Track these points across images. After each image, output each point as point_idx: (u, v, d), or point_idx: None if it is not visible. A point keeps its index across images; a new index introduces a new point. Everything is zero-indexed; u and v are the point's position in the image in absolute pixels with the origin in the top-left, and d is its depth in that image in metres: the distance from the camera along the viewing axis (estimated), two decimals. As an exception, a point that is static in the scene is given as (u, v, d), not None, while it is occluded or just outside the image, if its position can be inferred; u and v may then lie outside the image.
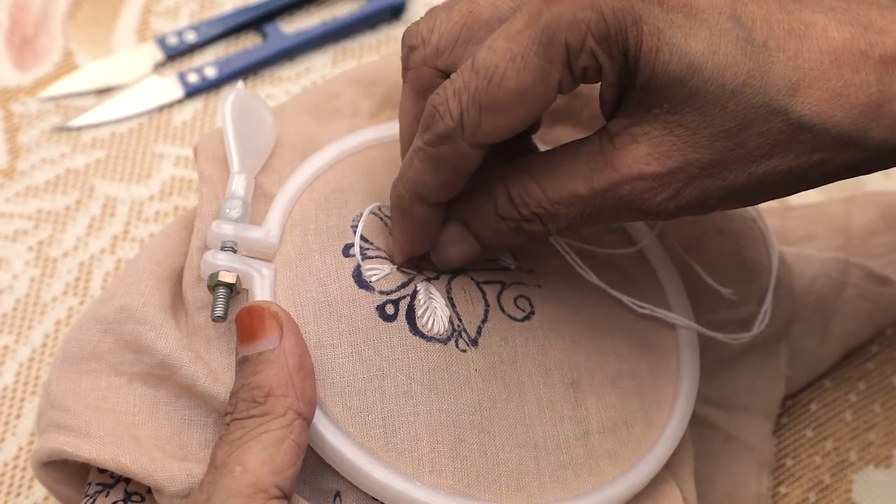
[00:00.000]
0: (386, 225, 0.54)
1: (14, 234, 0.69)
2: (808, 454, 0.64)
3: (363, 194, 0.55)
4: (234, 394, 0.48)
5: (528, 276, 0.55)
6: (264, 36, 0.76)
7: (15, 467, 0.62)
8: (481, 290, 0.54)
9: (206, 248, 0.52)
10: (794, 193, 0.49)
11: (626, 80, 0.47)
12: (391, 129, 0.57)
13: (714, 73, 0.46)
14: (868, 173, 0.48)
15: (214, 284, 0.51)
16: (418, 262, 0.53)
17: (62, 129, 0.72)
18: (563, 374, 0.53)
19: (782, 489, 0.63)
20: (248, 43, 0.76)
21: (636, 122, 0.47)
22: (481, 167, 0.50)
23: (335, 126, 0.58)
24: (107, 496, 0.51)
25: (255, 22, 0.76)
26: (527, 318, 0.54)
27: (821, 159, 0.47)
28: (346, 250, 0.53)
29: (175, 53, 0.75)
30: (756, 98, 0.46)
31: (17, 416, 0.64)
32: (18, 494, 0.62)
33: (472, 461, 0.51)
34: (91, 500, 0.51)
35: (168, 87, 0.73)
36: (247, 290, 0.52)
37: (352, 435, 0.50)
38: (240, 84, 0.56)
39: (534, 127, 0.54)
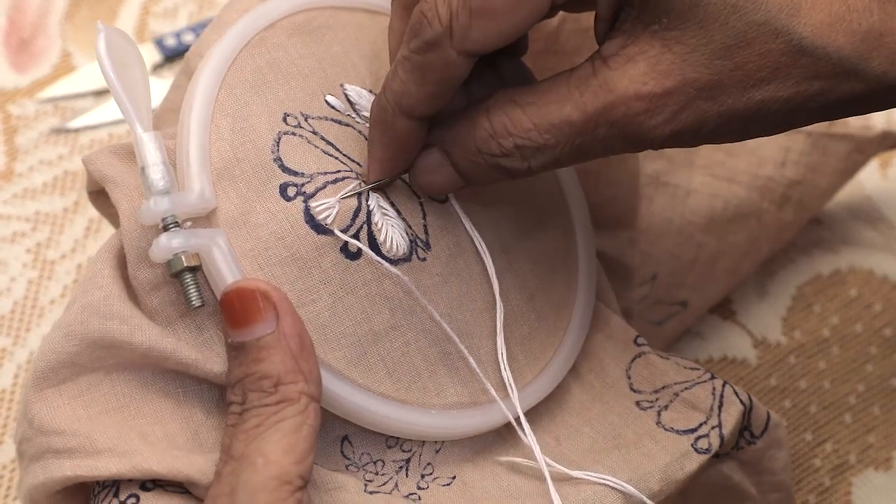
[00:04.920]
0: (301, 139, 0.51)
1: (12, 236, 0.69)
2: (807, 457, 0.64)
3: (271, 104, 0.51)
4: (237, 383, 0.46)
5: None
6: (262, 37, 0.76)
7: (13, 469, 0.62)
8: (404, 181, 0.52)
9: (139, 227, 0.48)
10: (791, 128, 0.48)
11: None
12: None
13: None
14: (868, 111, 0.47)
15: (179, 271, 0.47)
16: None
17: (60, 131, 0.72)
18: (494, 243, 0.53)
19: (782, 492, 0.63)
20: (247, 44, 0.76)
21: (632, 41, 0.46)
22: (475, 96, 0.49)
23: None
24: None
25: (253, 23, 0.76)
26: (445, 197, 0.53)
27: (821, 88, 0.46)
28: (284, 191, 0.50)
29: (173, 55, 0.74)
30: (758, 15, 0.45)
31: (16, 419, 0.64)
32: (17, 497, 0.62)
33: (465, 370, 0.51)
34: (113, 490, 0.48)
35: (166, 88, 0.73)
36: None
37: (361, 385, 0.49)
38: (99, 23, 0.48)
39: (522, 46, 0.52)
